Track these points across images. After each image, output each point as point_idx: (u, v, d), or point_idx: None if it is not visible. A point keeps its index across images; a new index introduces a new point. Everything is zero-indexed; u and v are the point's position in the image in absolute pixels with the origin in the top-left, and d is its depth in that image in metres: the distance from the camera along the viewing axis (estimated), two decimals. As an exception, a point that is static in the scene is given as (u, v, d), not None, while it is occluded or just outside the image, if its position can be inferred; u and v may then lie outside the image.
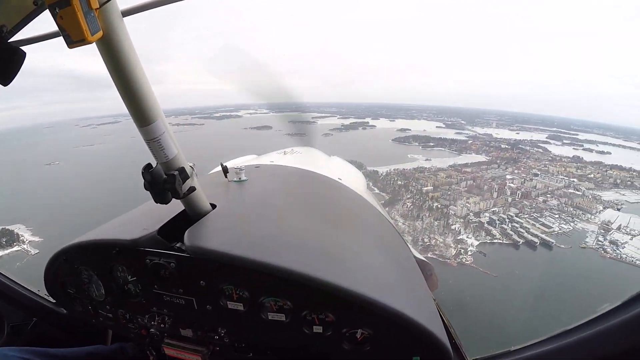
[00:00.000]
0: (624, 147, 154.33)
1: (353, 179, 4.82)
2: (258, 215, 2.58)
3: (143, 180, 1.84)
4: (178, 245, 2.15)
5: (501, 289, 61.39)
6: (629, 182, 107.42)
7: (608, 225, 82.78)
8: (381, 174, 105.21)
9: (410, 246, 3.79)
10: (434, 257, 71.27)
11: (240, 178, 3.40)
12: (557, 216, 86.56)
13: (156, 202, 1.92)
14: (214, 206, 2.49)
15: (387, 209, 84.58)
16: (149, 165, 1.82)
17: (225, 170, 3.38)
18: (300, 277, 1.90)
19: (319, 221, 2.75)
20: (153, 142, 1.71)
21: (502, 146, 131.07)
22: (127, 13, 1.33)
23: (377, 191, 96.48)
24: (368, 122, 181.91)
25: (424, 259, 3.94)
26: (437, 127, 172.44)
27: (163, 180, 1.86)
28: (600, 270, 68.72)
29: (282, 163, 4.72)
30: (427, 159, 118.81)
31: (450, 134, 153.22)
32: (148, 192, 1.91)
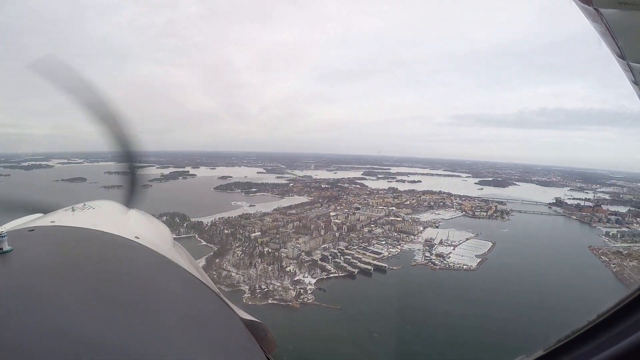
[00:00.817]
0: (431, 175, 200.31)
1: (154, 236, 4.68)
2: (17, 304, 2.17)
3: None
4: None
5: (347, 319, 71.83)
6: (441, 203, 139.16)
7: (431, 241, 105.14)
8: (206, 225, 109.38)
9: (234, 307, 3.96)
10: (275, 302, 78.05)
11: (2, 249, 2.90)
12: (384, 242, 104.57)
13: None
14: None
15: (217, 260, 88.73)
16: None
17: None
18: None
19: (102, 299, 2.53)
20: None
21: (323, 186, 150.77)
22: None
23: (204, 243, 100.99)
24: (188, 171, 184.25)
25: (254, 319, 4.20)
26: (258, 172, 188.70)
27: None
28: (434, 281, 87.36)
29: (67, 222, 4.29)
30: (251, 205, 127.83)
31: (271, 178, 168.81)
32: None
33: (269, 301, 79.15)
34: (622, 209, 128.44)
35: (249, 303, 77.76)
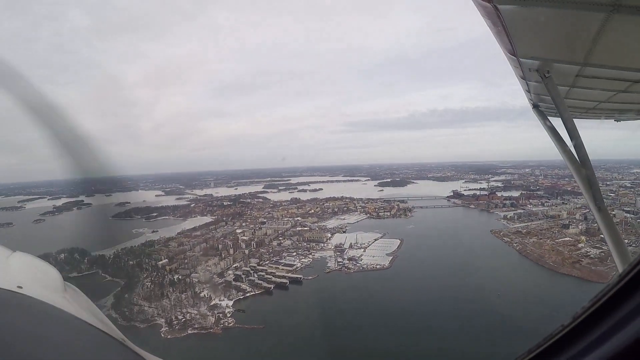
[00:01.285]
0: (331, 181, 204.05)
1: (41, 282, 4.22)
2: None
3: None
4: None
5: (272, 336, 70.86)
6: (345, 208, 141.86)
7: (341, 246, 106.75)
8: (109, 257, 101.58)
9: (141, 351, 3.73)
10: (195, 332, 74.86)
11: None
12: (294, 254, 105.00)
13: None
14: None
15: (125, 295, 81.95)
16: None
17: None
18: None
19: None
20: None
21: (225, 203, 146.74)
22: None
23: (109, 278, 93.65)
24: (83, 200, 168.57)
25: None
26: (156, 195, 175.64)
27: None
28: (351, 285, 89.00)
29: None
30: (153, 231, 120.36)
31: (171, 200, 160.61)
32: None
33: (189, 331, 75.74)
34: (515, 194, 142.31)
35: (169, 337, 74.32)
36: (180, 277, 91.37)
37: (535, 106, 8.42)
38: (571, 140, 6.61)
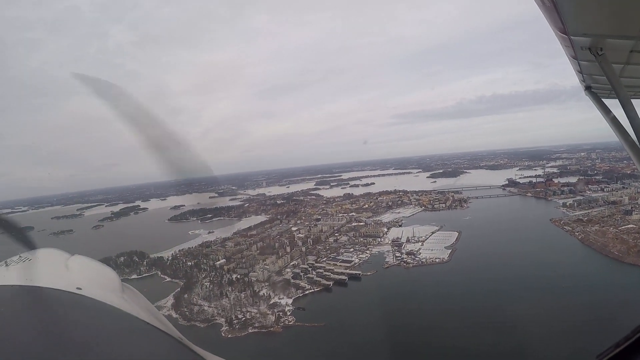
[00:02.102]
0: (383, 175, 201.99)
1: (100, 284, 4.37)
2: None
3: None
4: None
5: (333, 334, 69.83)
6: (399, 201, 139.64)
7: (398, 241, 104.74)
8: (167, 259, 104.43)
9: (198, 349, 3.78)
10: (255, 331, 74.79)
11: None
12: (352, 249, 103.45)
13: None
14: None
15: (185, 295, 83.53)
16: None
17: None
18: None
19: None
20: None
21: (278, 202, 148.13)
22: None
23: (168, 279, 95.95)
24: (139, 206, 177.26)
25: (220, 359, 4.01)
26: (210, 197, 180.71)
27: None
28: (411, 279, 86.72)
29: (1, 280, 4.04)
30: (209, 232, 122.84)
31: (225, 201, 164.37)
32: None
33: (249, 330, 75.55)
34: (572, 179, 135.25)
35: (229, 336, 74.43)
36: (238, 276, 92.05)
37: (588, 87, 7.82)
38: (630, 121, 5.93)
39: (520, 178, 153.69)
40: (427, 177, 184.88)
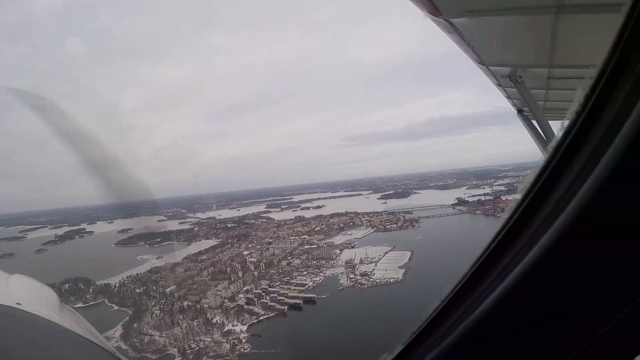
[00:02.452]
0: (334, 197, 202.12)
1: (39, 300, 4.38)
2: None
3: None
4: None
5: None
6: (350, 223, 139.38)
7: (351, 262, 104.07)
8: (114, 286, 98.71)
9: None
10: None
11: None
12: (305, 273, 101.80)
13: None
14: None
15: (134, 325, 79.18)
16: None
17: None
18: None
19: None
20: None
21: (229, 225, 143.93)
22: None
23: (116, 308, 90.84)
24: (84, 229, 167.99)
25: None
26: (158, 220, 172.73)
27: None
28: (366, 300, 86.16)
29: None
30: (158, 257, 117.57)
31: (174, 225, 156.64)
32: None
33: None
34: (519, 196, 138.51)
35: None
36: (190, 303, 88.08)
37: (520, 111, 8.72)
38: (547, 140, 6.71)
39: (469, 197, 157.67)
40: (378, 198, 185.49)
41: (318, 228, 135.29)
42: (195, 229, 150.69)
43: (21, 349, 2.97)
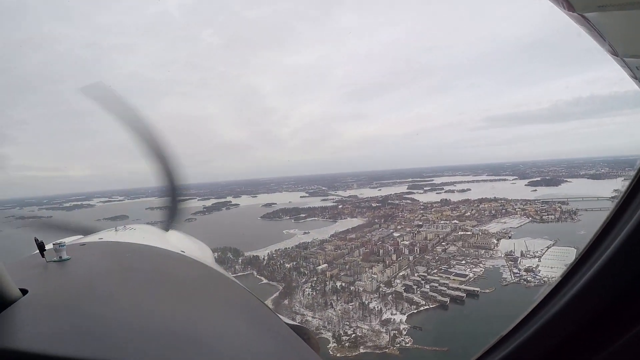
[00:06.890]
0: (477, 181, 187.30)
1: (198, 251, 5.04)
2: (83, 300, 2.41)
3: None
4: None
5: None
6: (502, 210, 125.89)
7: (511, 254, 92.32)
8: (263, 259, 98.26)
9: (276, 313, 3.92)
10: (369, 351, 64.52)
11: (60, 257, 3.18)
12: (463, 262, 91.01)
13: None
14: (24, 292, 2.25)
15: (285, 301, 75.92)
16: None
17: (41, 247, 3.09)
18: None
19: (162, 300, 2.70)
20: None
21: (373, 205, 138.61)
22: None
23: (265, 281, 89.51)
24: (230, 201, 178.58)
25: (297, 323, 4.40)
26: (301, 197, 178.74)
27: None
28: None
29: (113, 240, 4.66)
30: (305, 232, 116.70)
31: (316, 202, 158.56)
32: None
33: (361, 350, 65.29)
34: None
35: (337, 355, 64.64)
36: (343, 284, 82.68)
37: None
38: None
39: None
40: (526, 184, 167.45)
41: (468, 213, 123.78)
42: (339, 206, 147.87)
43: (190, 288, 3.37)
